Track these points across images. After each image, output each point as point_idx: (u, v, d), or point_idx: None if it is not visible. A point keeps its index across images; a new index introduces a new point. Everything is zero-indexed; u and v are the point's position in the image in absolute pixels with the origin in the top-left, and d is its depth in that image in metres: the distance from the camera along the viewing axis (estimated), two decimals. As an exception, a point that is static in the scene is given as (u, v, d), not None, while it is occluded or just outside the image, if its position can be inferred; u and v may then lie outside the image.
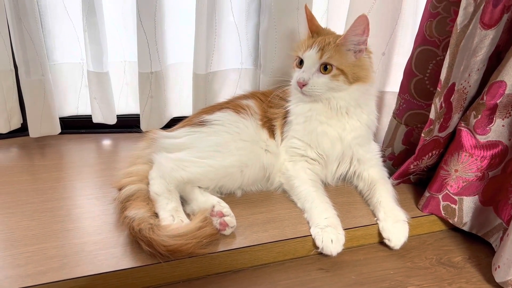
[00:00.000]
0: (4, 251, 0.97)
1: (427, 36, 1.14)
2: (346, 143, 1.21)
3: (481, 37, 1.04)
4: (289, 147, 1.25)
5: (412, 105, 1.25)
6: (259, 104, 1.29)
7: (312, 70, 1.14)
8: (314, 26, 1.21)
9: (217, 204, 1.09)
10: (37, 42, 1.33)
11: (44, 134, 1.48)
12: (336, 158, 1.24)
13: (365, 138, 1.25)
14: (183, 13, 1.46)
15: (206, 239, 0.99)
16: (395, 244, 1.11)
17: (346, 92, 1.16)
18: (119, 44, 1.51)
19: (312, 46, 1.14)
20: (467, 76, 1.11)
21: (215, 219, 1.06)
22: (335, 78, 1.13)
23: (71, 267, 0.94)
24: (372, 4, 1.33)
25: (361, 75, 1.15)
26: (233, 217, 1.07)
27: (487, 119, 1.09)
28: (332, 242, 1.05)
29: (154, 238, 0.95)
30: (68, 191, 1.23)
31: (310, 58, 1.14)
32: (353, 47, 1.13)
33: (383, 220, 1.13)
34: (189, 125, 1.23)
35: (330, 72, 1.13)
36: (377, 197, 1.19)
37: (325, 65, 1.13)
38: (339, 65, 1.12)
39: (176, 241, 0.95)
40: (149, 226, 0.97)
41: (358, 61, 1.14)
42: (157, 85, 1.46)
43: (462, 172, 1.15)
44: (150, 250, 0.95)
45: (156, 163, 1.15)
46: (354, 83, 1.15)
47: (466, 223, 1.18)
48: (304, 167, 1.23)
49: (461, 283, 1.05)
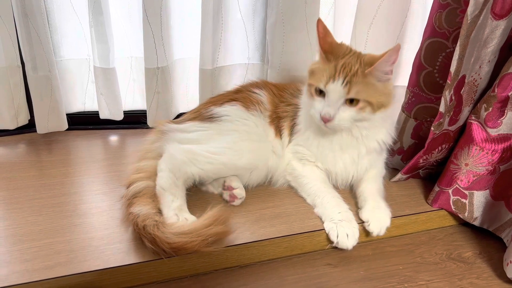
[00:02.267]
0: (12, 246, 0.98)
1: (436, 27, 1.13)
2: (359, 167, 1.18)
3: (492, 27, 1.02)
4: (297, 152, 1.22)
5: (421, 98, 1.23)
6: (271, 97, 1.26)
7: (338, 104, 1.04)
8: (327, 44, 1.07)
9: (227, 178, 1.16)
10: (44, 38, 1.34)
11: (51, 130, 1.48)
12: (346, 178, 1.21)
13: (378, 157, 1.22)
14: (189, 8, 1.45)
15: (212, 237, 0.96)
16: (374, 228, 1.07)
17: (370, 121, 1.09)
18: (126, 39, 1.51)
19: (336, 77, 1.02)
20: (477, 68, 1.09)
21: (226, 192, 1.15)
22: (362, 110, 1.05)
23: (78, 262, 0.94)
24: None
25: (385, 102, 1.07)
26: (242, 189, 1.15)
27: (498, 111, 1.07)
28: (347, 236, 1.04)
29: (158, 235, 0.93)
30: (76, 186, 1.23)
31: (335, 92, 1.03)
32: (382, 77, 1.04)
33: (363, 207, 1.12)
34: (198, 120, 1.20)
35: (357, 104, 1.04)
36: (360, 190, 1.18)
37: (351, 99, 1.03)
38: (367, 97, 1.03)
39: (181, 238, 0.94)
40: (154, 223, 0.97)
41: (384, 89, 1.06)
42: (163, 81, 1.46)
43: (472, 166, 1.13)
44: (153, 247, 0.94)
45: (167, 154, 1.13)
46: (378, 110, 1.07)
47: (476, 218, 1.16)
48: (313, 168, 1.21)
49: (471, 279, 1.04)
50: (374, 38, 1.34)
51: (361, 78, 1.02)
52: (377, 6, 1.32)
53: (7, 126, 1.47)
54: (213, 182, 1.19)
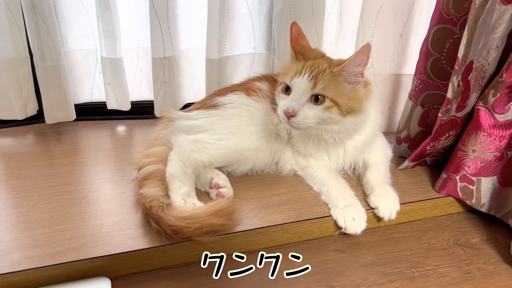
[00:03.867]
0: (24, 232, 0.99)
1: (444, 14, 1.12)
2: (348, 157, 1.19)
3: (500, 12, 1.01)
4: (296, 147, 1.23)
5: (429, 85, 1.23)
6: (271, 86, 1.26)
7: (303, 100, 1.01)
8: (298, 46, 1.06)
9: (215, 176, 1.13)
10: (52, 29, 1.34)
11: (59, 120, 1.50)
12: (348, 165, 1.22)
13: (369, 143, 1.20)
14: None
15: (207, 227, 0.96)
16: (385, 212, 1.08)
17: (340, 125, 1.06)
18: (132, 30, 1.51)
19: (302, 72, 1.01)
20: (485, 54, 1.08)
21: (212, 191, 1.12)
22: (328, 109, 1.01)
23: (89, 247, 0.95)
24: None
25: (355, 107, 1.03)
26: (229, 188, 1.13)
27: (506, 97, 1.07)
28: (354, 220, 1.04)
29: (161, 216, 0.96)
30: (85, 175, 1.24)
31: (301, 86, 1.01)
32: (351, 78, 1.01)
33: (370, 195, 1.13)
34: (204, 108, 1.23)
35: (322, 103, 1.00)
36: (366, 179, 1.18)
37: (316, 96, 1.00)
38: (334, 96, 1.00)
39: (179, 222, 0.95)
40: (160, 205, 0.99)
41: (353, 93, 1.03)
42: (170, 71, 1.46)
43: (480, 153, 1.13)
44: (157, 227, 0.96)
45: (176, 145, 1.16)
46: (347, 115, 1.03)
47: (484, 204, 1.16)
48: (316, 158, 1.22)
49: (479, 264, 1.04)
50: (382, 26, 1.33)
51: (328, 75, 1.00)
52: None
53: (16, 117, 1.48)
54: (200, 179, 1.15)
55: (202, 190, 1.16)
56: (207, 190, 1.15)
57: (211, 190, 1.12)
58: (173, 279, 0.97)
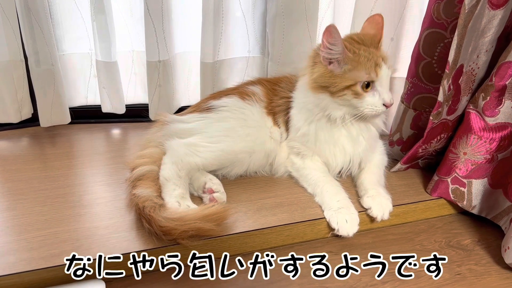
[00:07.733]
0: (19, 235, 0.99)
1: (434, 18, 1.14)
2: (359, 148, 1.19)
3: (489, 17, 1.03)
4: (293, 147, 1.24)
5: (420, 89, 1.24)
6: (265, 90, 1.28)
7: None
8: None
9: (208, 181, 1.13)
10: (47, 32, 1.35)
11: (54, 124, 1.50)
12: (347, 163, 1.22)
13: (376, 138, 1.24)
14: (190, 1, 1.46)
15: (193, 231, 0.95)
16: (377, 212, 1.10)
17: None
18: (127, 33, 1.52)
19: (379, 62, 1.06)
20: (475, 58, 1.10)
21: (205, 195, 1.11)
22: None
23: (84, 250, 0.95)
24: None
25: None
26: (223, 193, 1.12)
27: (496, 100, 1.09)
28: (347, 222, 1.06)
29: (153, 216, 0.96)
30: (79, 178, 1.25)
31: (387, 76, 1.08)
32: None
33: (363, 196, 1.14)
34: (198, 111, 1.24)
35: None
36: (360, 181, 1.20)
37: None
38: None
39: (169, 223, 0.95)
40: (153, 205, 1.00)
41: None
42: (165, 74, 1.47)
43: (471, 155, 1.14)
44: (149, 227, 0.97)
45: (169, 149, 1.16)
46: None
47: (475, 206, 1.17)
48: (313, 159, 1.23)
49: (470, 265, 1.05)
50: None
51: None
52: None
53: (10, 120, 1.48)
54: (193, 183, 1.15)
55: (195, 195, 1.15)
56: (200, 195, 1.14)
57: (204, 194, 1.12)
58: (167, 281, 0.97)
